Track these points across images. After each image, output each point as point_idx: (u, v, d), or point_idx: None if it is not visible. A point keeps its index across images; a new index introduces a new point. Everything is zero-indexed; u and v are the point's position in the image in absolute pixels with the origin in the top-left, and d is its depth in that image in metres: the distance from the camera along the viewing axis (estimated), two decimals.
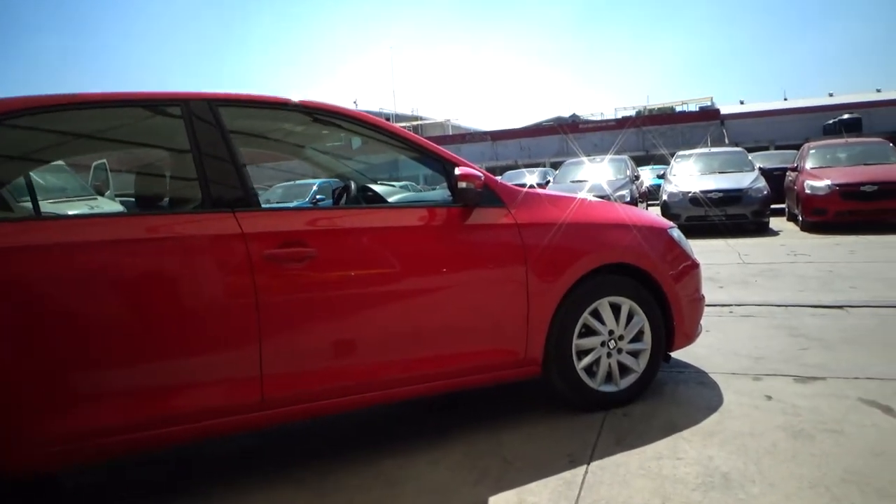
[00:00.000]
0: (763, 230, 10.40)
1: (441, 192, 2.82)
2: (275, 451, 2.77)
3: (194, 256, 2.21)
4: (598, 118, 45.38)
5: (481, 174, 2.62)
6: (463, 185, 2.53)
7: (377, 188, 3.56)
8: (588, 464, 2.40)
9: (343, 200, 3.45)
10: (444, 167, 2.70)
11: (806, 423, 2.62)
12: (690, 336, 3.18)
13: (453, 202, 2.63)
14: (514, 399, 3.14)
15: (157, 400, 2.11)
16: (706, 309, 3.40)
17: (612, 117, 43.38)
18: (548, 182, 14.35)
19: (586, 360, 2.86)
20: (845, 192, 9.61)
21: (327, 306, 2.37)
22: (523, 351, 2.73)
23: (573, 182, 12.26)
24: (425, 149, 2.75)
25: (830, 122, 28.43)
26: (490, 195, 2.70)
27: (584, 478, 2.30)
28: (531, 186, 2.92)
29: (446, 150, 2.75)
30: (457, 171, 2.57)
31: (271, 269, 2.27)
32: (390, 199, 3.44)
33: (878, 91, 41.35)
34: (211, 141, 2.34)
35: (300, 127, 3.15)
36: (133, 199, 3.15)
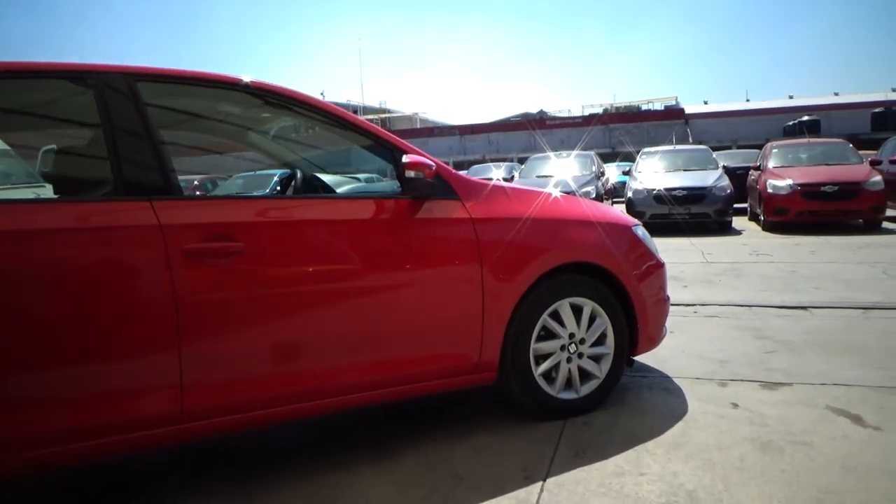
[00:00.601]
0: (726, 229, 10.42)
1: (391, 184, 2.59)
2: (196, 467, 2.51)
3: (103, 250, 1.93)
4: (566, 115, 45.51)
5: (432, 163, 2.39)
6: (411, 174, 2.30)
7: (327, 178, 3.31)
8: (544, 480, 2.20)
9: (290, 191, 3.19)
10: (392, 155, 2.46)
11: (774, 435, 2.47)
12: (655, 339, 3.02)
13: (401, 193, 2.40)
14: (467, 408, 2.93)
15: (55, 413, 1.84)
16: (670, 309, 3.24)
17: (580, 114, 43.56)
18: (513, 177, 14.20)
19: (545, 366, 2.67)
20: (806, 191, 9.67)
21: (257, 307, 2.12)
22: (477, 355, 2.52)
23: (539, 177, 12.12)
24: (373, 134, 2.50)
25: (790, 123, 28.91)
26: (443, 186, 2.47)
27: (539, 497, 2.10)
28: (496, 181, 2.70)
29: (396, 136, 2.52)
30: (405, 158, 2.33)
31: (193, 265, 2.01)
32: (338, 190, 3.19)
33: (836, 94, 42.49)
34: (127, 121, 2.06)
35: (248, 110, 2.87)
36: None
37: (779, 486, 2.08)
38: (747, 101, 46.18)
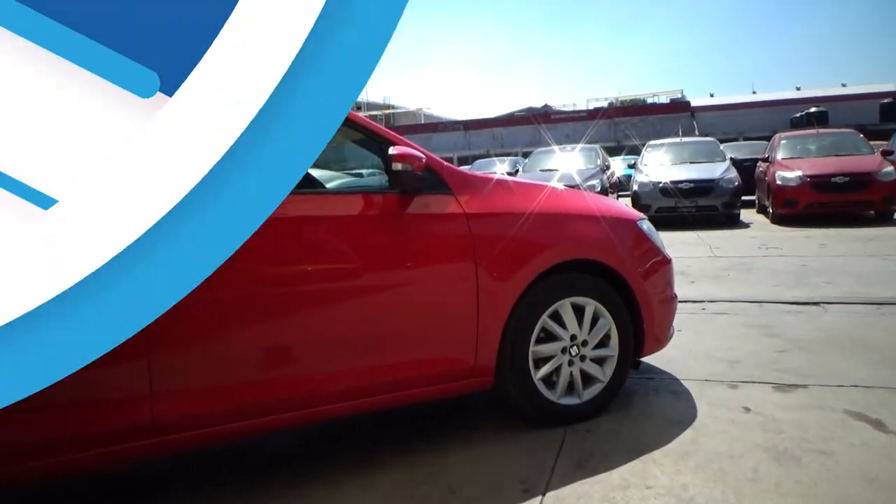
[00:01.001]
0: (734, 222, 10.23)
1: (381, 178, 2.45)
2: (197, 472, 2.38)
3: None
4: (571, 109, 45.16)
5: (422, 155, 2.24)
6: (399, 166, 2.16)
7: (320, 173, 3.16)
8: (544, 494, 2.06)
9: None
10: (379, 146, 2.32)
11: (789, 442, 2.32)
12: (662, 340, 2.87)
13: (390, 187, 2.26)
14: (462, 414, 2.79)
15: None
16: (678, 306, 3.08)
17: (584, 108, 43.23)
18: (517, 171, 14.02)
19: (545, 369, 2.52)
20: (816, 183, 9.47)
21: (234, 310, 1.98)
22: (473, 359, 2.38)
23: (543, 171, 11.94)
24: (358, 125, 2.34)
25: (798, 114, 28.54)
26: (434, 180, 2.33)
27: None
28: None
29: (383, 127, 2.37)
30: (392, 150, 2.19)
31: None
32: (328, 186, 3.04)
33: (844, 86, 41.96)
34: None
35: None
36: None
37: (794, 500, 1.93)
38: (754, 93, 45.73)
